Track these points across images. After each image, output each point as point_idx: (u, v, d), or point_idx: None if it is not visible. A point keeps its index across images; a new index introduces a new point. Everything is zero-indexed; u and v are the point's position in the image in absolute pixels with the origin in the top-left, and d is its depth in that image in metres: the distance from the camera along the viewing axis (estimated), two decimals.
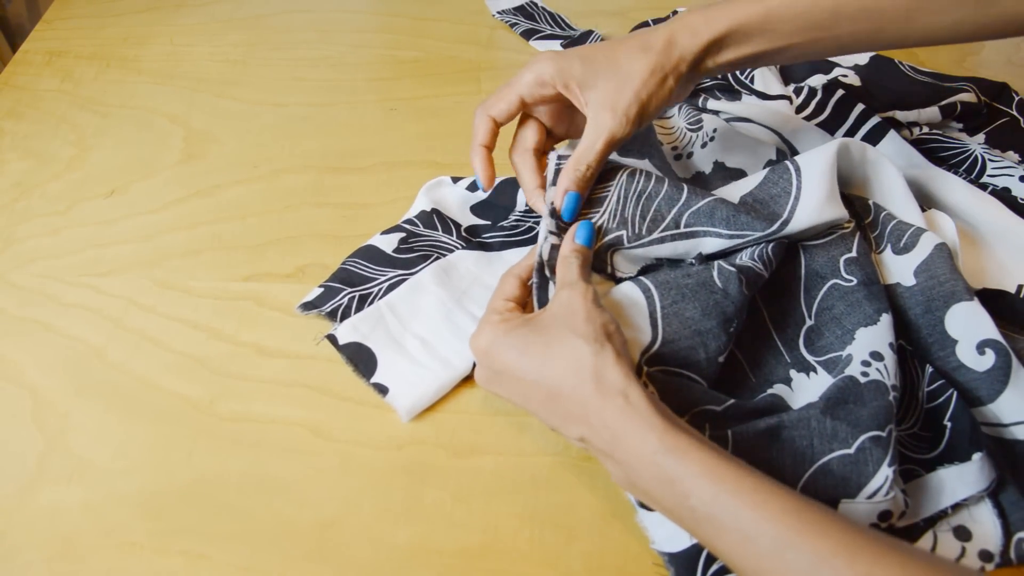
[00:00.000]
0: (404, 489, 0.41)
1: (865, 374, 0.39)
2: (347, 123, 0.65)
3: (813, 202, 0.44)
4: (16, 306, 0.51)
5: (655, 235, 0.44)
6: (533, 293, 0.42)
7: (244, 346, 0.48)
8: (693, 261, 0.44)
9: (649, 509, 0.38)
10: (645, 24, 0.73)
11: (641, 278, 0.43)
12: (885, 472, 0.36)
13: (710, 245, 0.44)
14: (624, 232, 0.44)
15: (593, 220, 0.45)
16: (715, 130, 0.59)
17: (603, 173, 0.47)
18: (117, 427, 0.44)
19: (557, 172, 0.45)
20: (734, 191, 0.47)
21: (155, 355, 0.48)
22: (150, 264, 0.54)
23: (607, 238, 0.45)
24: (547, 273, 0.42)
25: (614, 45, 0.43)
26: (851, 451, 0.36)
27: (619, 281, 0.44)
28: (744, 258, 0.44)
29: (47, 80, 0.71)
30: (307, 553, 0.39)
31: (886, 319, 0.42)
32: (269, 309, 0.50)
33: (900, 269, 0.45)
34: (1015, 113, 0.62)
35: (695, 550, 0.37)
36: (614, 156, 0.50)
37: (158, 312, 0.50)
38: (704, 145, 0.59)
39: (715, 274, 0.42)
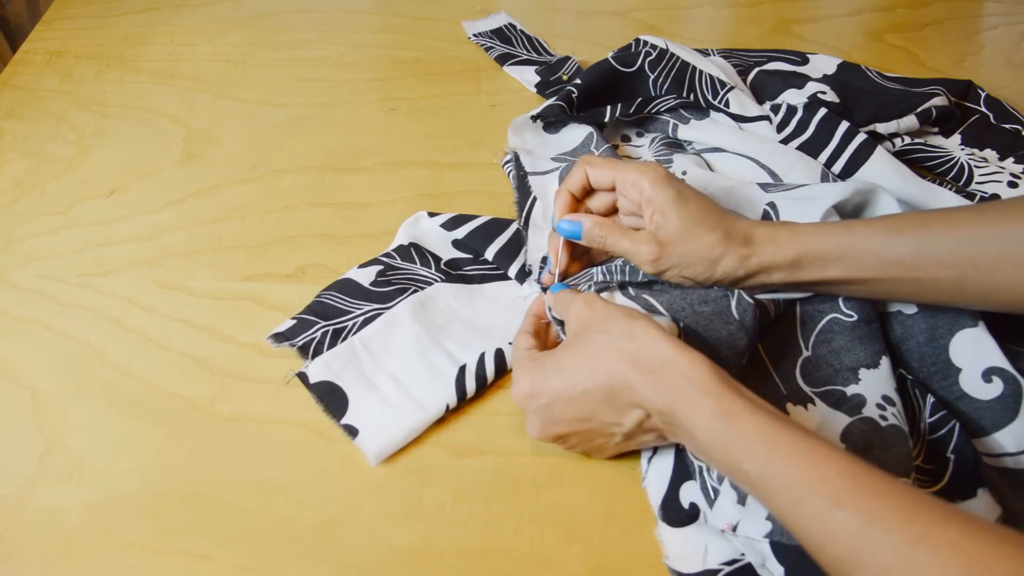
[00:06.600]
0: (404, 489, 0.41)
1: (884, 418, 0.39)
2: (347, 123, 0.65)
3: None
4: (16, 306, 0.51)
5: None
6: (552, 327, 0.43)
7: (244, 346, 0.48)
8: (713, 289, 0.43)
9: (670, 524, 0.39)
10: (636, 41, 0.64)
11: (656, 303, 0.42)
12: None
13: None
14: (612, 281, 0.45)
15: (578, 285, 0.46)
16: (684, 173, 0.56)
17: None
18: (117, 427, 0.44)
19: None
20: None
21: (155, 355, 0.48)
22: (150, 264, 0.54)
23: (597, 287, 0.45)
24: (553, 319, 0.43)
25: (706, 221, 0.42)
26: None
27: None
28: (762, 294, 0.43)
29: (47, 80, 0.71)
30: (307, 553, 0.39)
31: (885, 364, 0.42)
32: (269, 309, 0.50)
33: None
34: (984, 110, 0.62)
35: (706, 575, 0.37)
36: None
37: (158, 312, 0.50)
38: None
39: (733, 304, 0.42)
